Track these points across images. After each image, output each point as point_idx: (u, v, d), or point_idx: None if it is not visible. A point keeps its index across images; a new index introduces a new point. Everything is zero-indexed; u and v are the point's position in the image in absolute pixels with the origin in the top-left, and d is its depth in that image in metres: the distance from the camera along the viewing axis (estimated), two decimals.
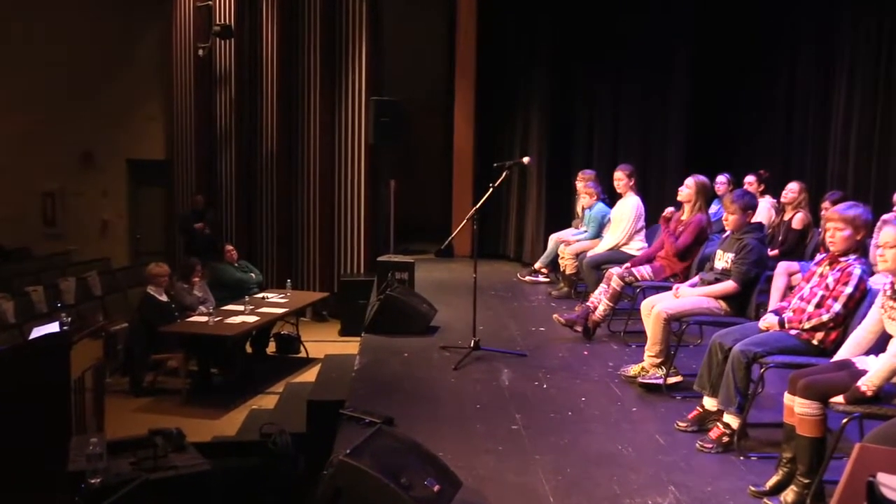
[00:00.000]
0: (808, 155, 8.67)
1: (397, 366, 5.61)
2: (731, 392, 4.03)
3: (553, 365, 5.60)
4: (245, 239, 11.72)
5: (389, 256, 8.25)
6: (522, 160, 6.36)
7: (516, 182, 10.35)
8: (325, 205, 11.17)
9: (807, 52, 8.77)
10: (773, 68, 9.21)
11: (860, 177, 7.74)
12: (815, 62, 8.64)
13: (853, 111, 7.93)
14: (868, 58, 7.78)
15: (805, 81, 8.79)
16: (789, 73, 9.00)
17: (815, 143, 8.57)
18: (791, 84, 8.99)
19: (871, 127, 7.70)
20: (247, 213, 11.84)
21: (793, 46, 8.96)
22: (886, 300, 3.52)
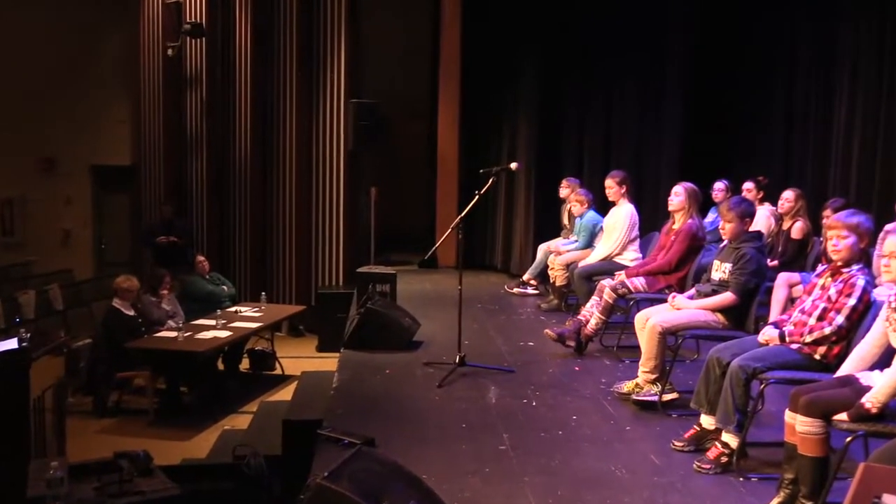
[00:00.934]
0: (808, 161, 8.74)
1: (378, 383, 5.59)
2: (729, 409, 4.04)
3: (543, 382, 5.59)
4: (217, 249, 11.66)
5: (370, 268, 8.24)
6: (510, 166, 6.37)
7: (503, 189, 10.37)
8: (302, 213, 11.14)
9: (807, 53, 8.85)
10: (772, 70, 9.29)
11: (863, 184, 7.80)
12: (815, 64, 8.72)
13: (855, 115, 8.00)
14: (871, 59, 7.86)
15: (805, 84, 8.87)
16: (789, 75, 9.08)
17: (816, 148, 8.65)
18: (791, 87, 9.06)
19: (874, 132, 7.77)
20: (219, 222, 11.79)
21: (793, 48, 9.05)
22: (891, 312, 3.54)
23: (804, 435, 3.49)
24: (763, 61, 9.37)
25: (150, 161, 12.52)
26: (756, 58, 9.43)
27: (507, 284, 9.23)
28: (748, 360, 4.02)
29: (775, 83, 9.27)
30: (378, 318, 6.47)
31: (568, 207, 8.50)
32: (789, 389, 3.72)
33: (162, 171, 12.31)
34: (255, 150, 11.38)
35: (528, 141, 10.15)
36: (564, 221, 8.77)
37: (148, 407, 7.88)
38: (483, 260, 10.80)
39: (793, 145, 9.04)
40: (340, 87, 10.87)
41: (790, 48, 9.08)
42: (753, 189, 7.76)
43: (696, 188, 5.97)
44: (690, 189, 5.93)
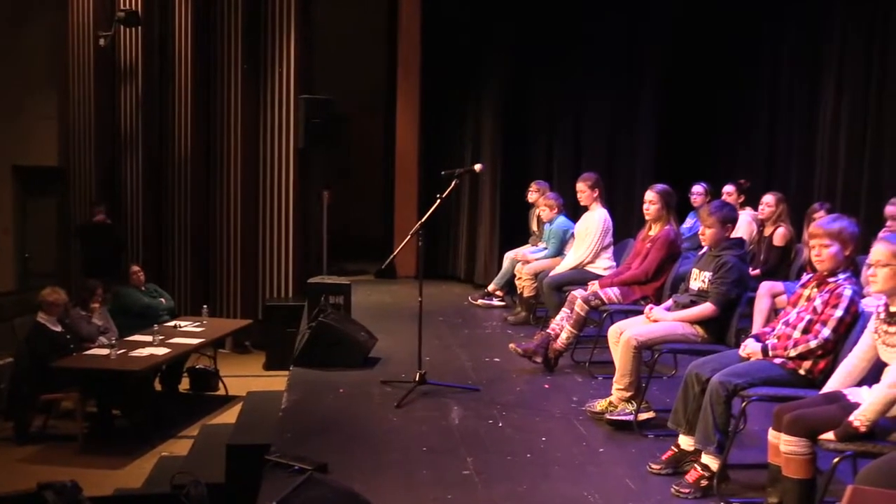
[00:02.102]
0: (792, 163, 8.88)
1: (331, 404, 5.56)
2: (709, 429, 4.07)
3: (509, 401, 5.60)
4: (154, 258, 11.54)
5: (322, 278, 8.20)
6: (474, 168, 6.38)
7: (467, 192, 10.40)
8: (248, 218, 11.07)
9: (791, 49, 9.00)
10: (754, 67, 9.43)
11: (850, 187, 7.94)
12: (799, 61, 8.87)
13: (841, 115, 8.14)
14: (857, 54, 8.01)
15: (789, 82, 9.02)
16: (772, 72, 9.22)
17: (800, 149, 8.79)
18: (774, 85, 9.21)
19: (861, 132, 7.92)
20: (156, 229, 11.67)
21: (776, 43, 9.20)
22: (880, 324, 3.59)
23: (789, 455, 3.53)
24: (744, 57, 9.51)
25: (79, 162, 12.36)
26: (737, 54, 9.57)
27: (471, 296, 9.24)
28: (729, 376, 4.05)
29: (757, 80, 9.41)
30: (331, 333, 6.44)
31: (536, 212, 8.54)
32: (773, 407, 3.76)
33: (92, 173, 12.16)
34: (196, 150, 11.29)
35: (494, 141, 10.19)
36: (533, 227, 8.81)
37: (76, 432, 7.77)
38: (445, 269, 10.81)
39: (776, 146, 9.18)
40: (290, 82, 10.83)
41: (773, 43, 9.23)
42: (734, 193, 7.86)
43: (669, 190, 6.02)
44: (664, 192, 5.98)
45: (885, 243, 3.58)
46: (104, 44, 11.79)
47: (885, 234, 3.73)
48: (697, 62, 9.79)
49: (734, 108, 9.67)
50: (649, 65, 9.91)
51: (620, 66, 9.96)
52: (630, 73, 9.96)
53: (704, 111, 9.85)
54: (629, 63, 9.95)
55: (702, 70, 9.79)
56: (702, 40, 9.75)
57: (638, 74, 9.95)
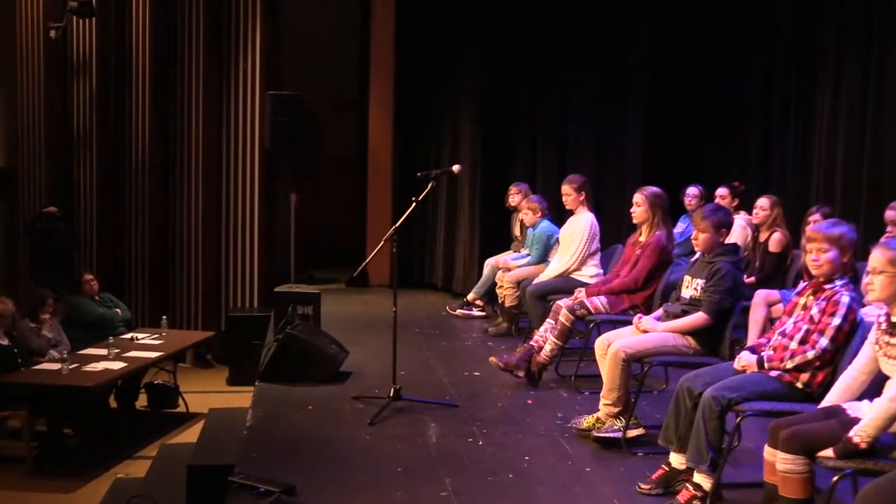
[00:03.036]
0: (788, 165, 8.95)
1: (299, 421, 5.54)
2: (702, 446, 4.09)
3: (490, 417, 5.60)
4: (109, 265, 11.46)
5: (289, 286, 8.17)
6: (452, 169, 6.39)
7: (445, 195, 10.40)
8: (210, 223, 11.01)
9: (786, 46, 9.07)
10: (747, 65, 9.51)
11: (849, 190, 8.00)
12: (795, 58, 8.94)
13: (839, 114, 8.21)
14: (856, 52, 8.07)
15: (784, 80, 9.09)
16: (766, 70, 9.30)
17: (796, 150, 8.86)
18: (768, 83, 9.28)
19: (860, 132, 7.98)
20: (111, 234, 11.59)
21: (771, 39, 9.27)
22: (881, 335, 3.62)
23: (785, 474, 3.54)
24: (739, 54, 9.59)
25: (28, 162, 12.25)
26: (731, 50, 9.64)
27: (448, 305, 9.24)
28: (722, 390, 4.07)
29: (751, 78, 9.49)
30: (299, 346, 6.43)
31: (519, 217, 8.55)
32: (768, 422, 3.77)
33: (43, 175, 12.06)
34: (155, 151, 11.22)
35: (473, 140, 10.20)
36: (515, 233, 8.82)
37: (24, 454, 7.70)
38: (421, 277, 10.80)
39: (771, 147, 9.25)
40: (255, 77, 10.80)
41: (767, 40, 9.30)
42: (728, 196, 7.91)
43: (659, 193, 6.05)
44: (651, 196, 6.01)
45: (882, 249, 3.60)
46: (55, 36, 11.69)
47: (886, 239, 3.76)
48: (688, 59, 9.85)
49: (727, 108, 9.73)
50: (638, 61, 9.96)
51: (608, 63, 10.00)
52: (618, 70, 10.00)
53: (696, 110, 9.91)
54: (617, 60, 9.99)
55: (693, 67, 9.85)
56: (693, 36, 9.82)
57: (626, 72, 9.99)
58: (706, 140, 9.94)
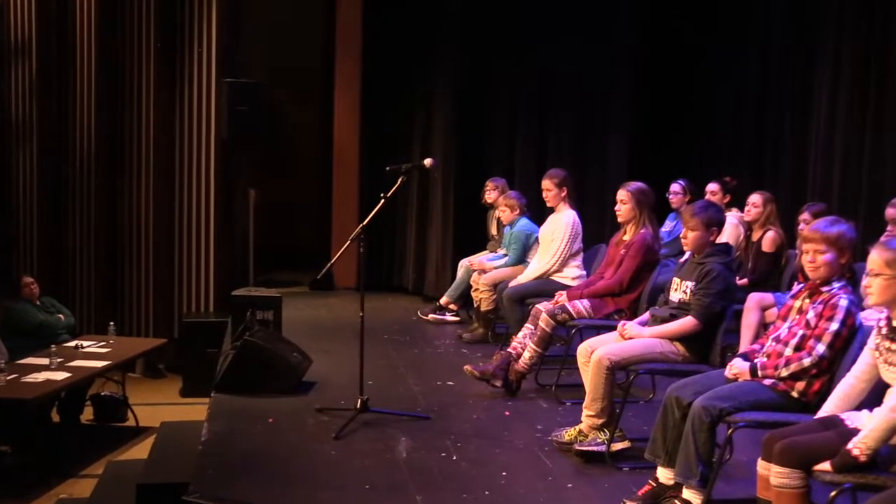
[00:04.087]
0: (783, 159, 9.01)
1: (259, 435, 5.53)
2: (691, 460, 4.11)
3: (465, 430, 5.61)
4: (50, 268, 11.36)
5: (248, 290, 8.14)
6: (423, 163, 6.40)
7: (415, 192, 10.40)
8: (162, 221, 10.94)
9: (781, 32, 9.12)
10: (741, 52, 9.55)
11: (847, 186, 8.06)
12: (791, 45, 8.99)
13: (838, 105, 8.26)
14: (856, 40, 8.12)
15: (779, 68, 9.14)
16: (760, 58, 9.35)
17: (792, 144, 8.92)
18: (763, 72, 9.33)
19: (860, 126, 8.03)
20: (53, 234, 11.49)
21: (765, 25, 9.32)
22: (882, 340, 3.65)
23: (780, 489, 3.57)
24: (731, 40, 9.64)
25: None
26: (722, 35, 9.69)
27: (420, 310, 9.24)
28: (713, 400, 4.09)
29: (744, 66, 9.53)
30: (258, 354, 6.41)
31: (495, 214, 8.57)
32: (762, 434, 3.80)
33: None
34: (101, 143, 11.13)
35: (446, 133, 10.21)
36: (491, 231, 8.84)
37: None
38: (390, 279, 10.80)
39: (764, 140, 9.31)
40: (211, 63, 10.73)
41: (761, 25, 9.35)
42: (719, 192, 7.96)
43: (645, 188, 6.09)
44: (637, 192, 6.05)
45: (879, 250, 3.63)
46: None
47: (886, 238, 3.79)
48: (678, 48, 9.90)
49: (719, 99, 9.78)
50: (624, 50, 9.99)
51: (592, 51, 10.03)
52: (602, 58, 10.03)
53: (686, 101, 9.96)
54: (601, 47, 10.02)
55: (683, 56, 9.90)
56: (681, 22, 9.86)
57: (611, 60, 10.03)
58: (696, 133, 9.99)
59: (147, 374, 10.86)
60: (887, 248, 3.62)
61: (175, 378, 10.44)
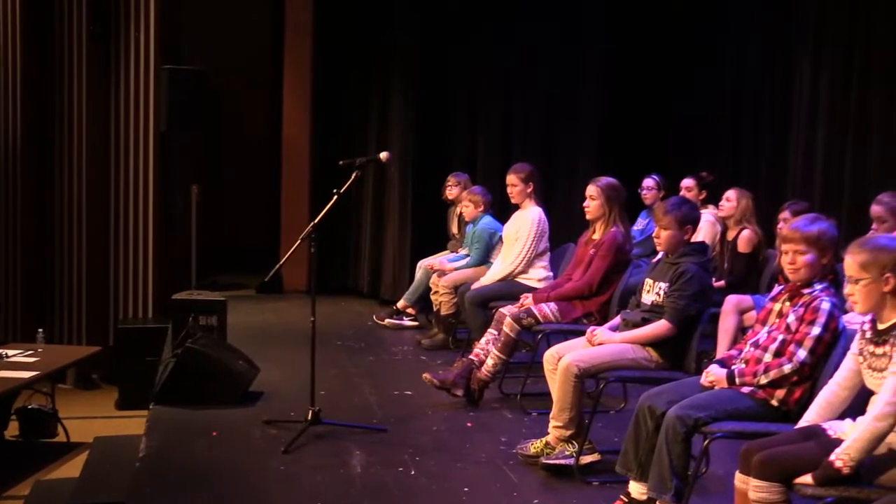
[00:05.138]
0: (762, 153, 9.09)
1: (202, 450, 5.51)
2: (665, 474, 4.13)
3: (424, 443, 5.61)
4: None
5: (190, 293, 8.11)
6: (379, 156, 6.39)
7: (371, 187, 10.39)
8: (95, 220, 10.84)
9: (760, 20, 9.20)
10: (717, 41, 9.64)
11: (830, 182, 8.15)
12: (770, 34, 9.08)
13: (820, 97, 8.35)
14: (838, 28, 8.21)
15: (758, 58, 9.24)
16: (737, 46, 9.44)
17: (771, 137, 9.01)
18: (740, 61, 9.43)
19: (843, 119, 8.12)
20: None
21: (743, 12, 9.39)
22: (866, 345, 3.68)
23: (759, 503, 3.59)
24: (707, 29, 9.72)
25: None
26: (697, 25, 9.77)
27: (376, 314, 9.24)
28: (688, 409, 4.11)
29: (721, 55, 9.62)
30: (201, 362, 6.38)
31: (457, 211, 8.58)
32: (740, 445, 3.82)
33: None
34: (27, 134, 11.01)
35: (404, 124, 10.21)
36: (452, 230, 8.85)
37: None
38: (344, 282, 10.78)
39: (742, 133, 9.39)
40: (149, 48, 10.65)
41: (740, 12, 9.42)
42: (694, 187, 8.02)
43: (616, 184, 6.13)
44: (608, 187, 6.08)
45: (851, 254, 3.64)
46: None
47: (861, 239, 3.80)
48: (652, 36, 9.96)
49: (694, 90, 9.86)
50: (593, 35, 10.05)
51: (560, 36, 10.07)
52: (571, 44, 10.07)
53: (660, 92, 10.03)
54: (570, 33, 10.06)
55: (657, 45, 9.96)
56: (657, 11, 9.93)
57: (580, 47, 10.08)
58: (670, 125, 10.07)
59: (79, 386, 10.75)
60: (860, 250, 3.63)
61: (110, 389, 10.34)
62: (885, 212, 6.07)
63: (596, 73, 10.07)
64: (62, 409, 9.38)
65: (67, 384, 10.47)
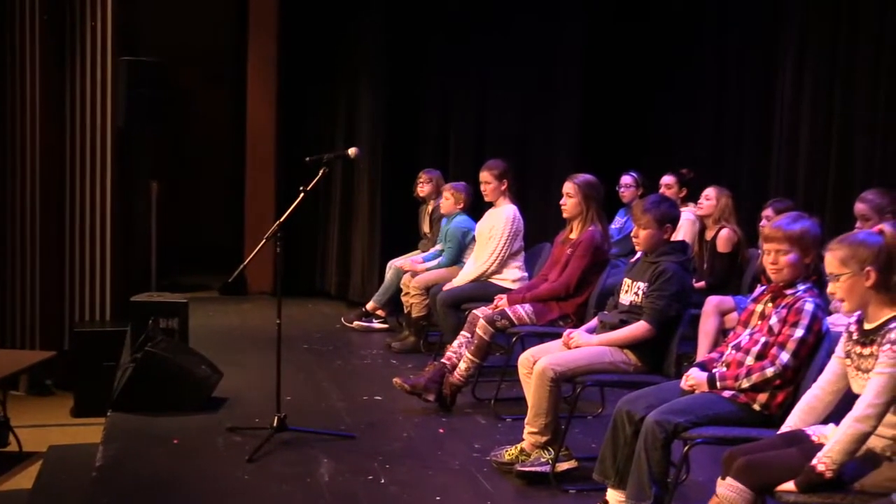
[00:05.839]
0: (744, 150, 9.13)
1: (162, 459, 5.48)
2: (644, 481, 4.15)
3: (394, 450, 5.61)
4: None
5: (150, 295, 8.07)
6: (347, 152, 6.38)
7: (339, 185, 10.38)
8: (50, 218, 10.78)
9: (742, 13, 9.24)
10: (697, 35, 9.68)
11: (814, 179, 8.19)
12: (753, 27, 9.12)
13: (804, 93, 8.39)
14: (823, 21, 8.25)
15: (740, 52, 9.27)
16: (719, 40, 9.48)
17: (753, 134, 9.05)
18: (721, 55, 9.46)
19: (827, 114, 8.16)
20: None
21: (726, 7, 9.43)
22: (852, 346, 3.69)
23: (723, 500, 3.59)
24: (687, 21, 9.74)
25: None
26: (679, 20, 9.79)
27: (344, 317, 9.23)
28: (668, 414, 4.13)
29: (702, 49, 9.66)
30: (161, 367, 6.36)
31: (428, 209, 8.58)
32: (721, 451, 3.83)
33: None
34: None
35: (374, 119, 10.20)
36: (424, 229, 8.84)
37: None
38: (311, 283, 10.76)
39: (724, 130, 9.43)
40: (107, 39, 10.60)
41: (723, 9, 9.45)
42: (674, 185, 8.05)
43: (593, 181, 6.14)
44: (585, 185, 6.09)
45: (831, 250, 3.65)
46: None
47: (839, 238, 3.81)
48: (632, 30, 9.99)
49: (675, 84, 9.89)
50: (571, 29, 10.07)
51: (536, 28, 10.08)
52: (548, 37, 10.09)
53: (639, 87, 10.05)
54: (547, 24, 10.07)
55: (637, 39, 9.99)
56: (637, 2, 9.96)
57: (557, 39, 10.09)
58: (650, 121, 10.09)
59: (32, 392, 10.69)
60: (839, 245, 3.64)
61: (65, 396, 10.28)
62: (870, 210, 6.10)
63: (574, 67, 10.09)
64: (14, 416, 9.31)
65: (20, 391, 10.40)
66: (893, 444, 3.52)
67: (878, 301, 3.59)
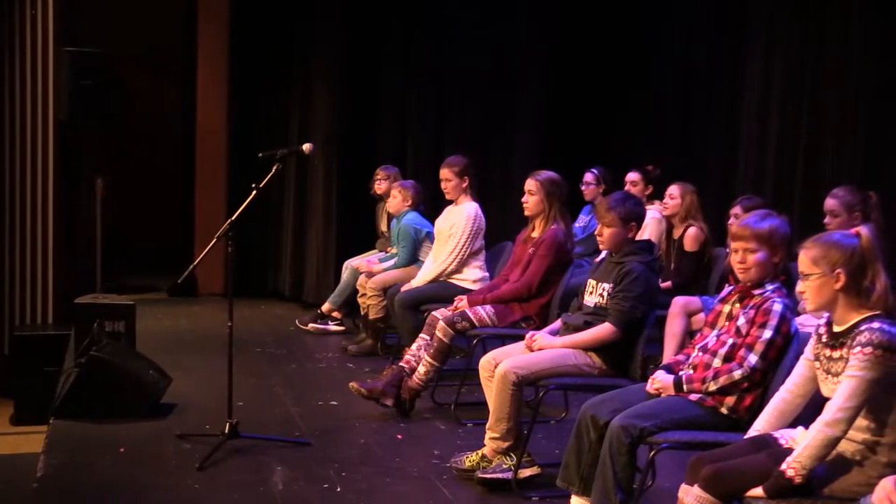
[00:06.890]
0: (711, 146, 9.20)
1: (108, 468, 5.45)
2: (609, 487, 4.17)
3: (351, 457, 5.62)
4: None
5: (95, 297, 8.01)
6: (302, 148, 6.36)
7: (293, 182, 10.36)
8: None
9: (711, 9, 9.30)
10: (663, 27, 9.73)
11: (782, 176, 8.28)
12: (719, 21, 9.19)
13: (772, 88, 8.47)
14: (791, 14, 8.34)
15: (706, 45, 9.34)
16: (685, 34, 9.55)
17: (720, 130, 9.13)
18: (687, 49, 9.53)
19: (796, 110, 8.24)
20: None
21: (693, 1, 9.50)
22: (822, 348, 3.72)
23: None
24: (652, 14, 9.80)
25: None
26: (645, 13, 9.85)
27: (298, 319, 9.21)
28: (633, 419, 4.15)
29: (667, 42, 9.73)
30: (107, 372, 6.32)
31: (386, 207, 8.58)
32: (688, 456, 3.86)
33: None
34: None
35: (328, 114, 10.18)
36: (381, 228, 8.84)
37: None
38: (264, 284, 10.74)
39: (690, 125, 9.49)
40: (48, 29, 10.52)
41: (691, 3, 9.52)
42: (640, 182, 8.10)
43: (556, 178, 6.15)
44: (548, 182, 6.11)
45: (804, 249, 3.68)
46: None
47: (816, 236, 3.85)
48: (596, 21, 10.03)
49: (639, 77, 9.94)
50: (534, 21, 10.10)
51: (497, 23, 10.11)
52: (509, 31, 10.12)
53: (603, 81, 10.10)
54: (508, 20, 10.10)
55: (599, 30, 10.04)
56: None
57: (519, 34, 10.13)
58: (615, 117, 10.14)
59: None
60: (813, 244, 3.67)
61: (4, 402, 10.21)
62: (839, 206, 6.17)
63: (536, 62, 10.13)
64: None
65: None
66: (863, 448, 3.55)
67: (848, 304, 3.62)
